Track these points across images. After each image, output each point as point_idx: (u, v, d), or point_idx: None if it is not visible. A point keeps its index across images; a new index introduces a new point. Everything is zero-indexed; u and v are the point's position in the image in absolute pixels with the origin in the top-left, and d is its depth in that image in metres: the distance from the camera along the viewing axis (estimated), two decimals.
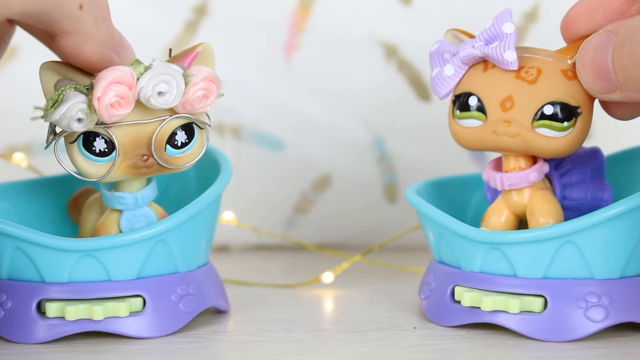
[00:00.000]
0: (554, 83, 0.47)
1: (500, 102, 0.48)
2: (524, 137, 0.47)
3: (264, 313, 0.53)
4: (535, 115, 0.47)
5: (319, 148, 0.70)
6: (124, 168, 0.47)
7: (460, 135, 0.49)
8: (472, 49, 0.48)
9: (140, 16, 0.69)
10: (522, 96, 0.47)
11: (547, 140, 0.47)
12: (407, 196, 0.52)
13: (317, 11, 0.70)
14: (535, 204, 0.49)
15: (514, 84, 0.47)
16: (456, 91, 0.49)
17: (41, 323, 0.48)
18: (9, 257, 0.48)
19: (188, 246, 0.50)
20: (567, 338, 0.47)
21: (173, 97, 0.47)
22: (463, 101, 0.48)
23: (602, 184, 0.51)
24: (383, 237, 0.67)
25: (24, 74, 0.68)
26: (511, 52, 0.47)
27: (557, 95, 0.47)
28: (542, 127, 0.47)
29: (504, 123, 0.47)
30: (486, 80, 0.48)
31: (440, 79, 0.49)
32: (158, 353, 0.47)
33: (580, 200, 0.50)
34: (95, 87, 0.45)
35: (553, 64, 0.48)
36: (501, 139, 0.48)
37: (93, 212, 0.52)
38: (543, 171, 0.49)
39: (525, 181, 0.49)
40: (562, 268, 0.48)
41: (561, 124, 0.47)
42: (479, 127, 0.48)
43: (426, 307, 0.52)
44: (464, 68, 0.49)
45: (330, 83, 0.70)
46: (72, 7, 0.44)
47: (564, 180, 0.50)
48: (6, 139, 0.69)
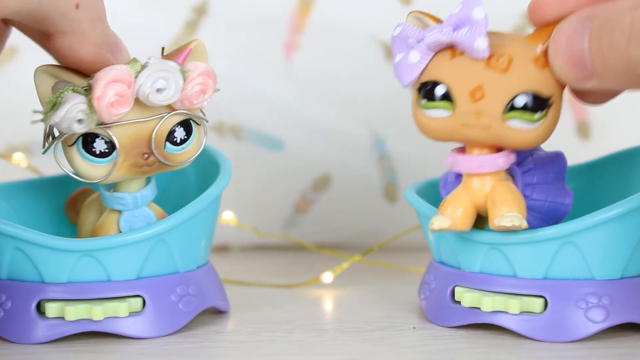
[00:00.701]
0: (526, 72, 0.45)
1: (469, 92, 0.46)
2: (495, 130, 0.46)
3: (263, 313, 0.53)
4: (507, 106, 0.45)
5: (318, 148, 0.70)
6: (126, 168, 0.47)
7: (425, 126, 0.47)
8: (440, 34, 0.46)
9: (140, 16, 0.69)
10: (493, 86, 0.45)
11: (518, 132, 0.46)
12: (406, 196, 0.52)
13: (317, 11, 0.70)
14: (498, 193, 0.47)
15: (484, 73, 0.46)
16: (422, 78, 0.47)
17: (41, 323, 0.48)
18: (9, 257, 0.48)
19: (188, 246, 0.50)
20: (567, 339, 0.47)
21: (172, 93, 0.47)
22: (429, 90, 0.46)
23: (563, 189, 0.50)
24: (383, 237, 0.67)
25: (24, 74, 0.68)
26: (482, 40, 0.45)
27: (530, 86, 0.45)
28: (513, 118, 0.46)
29: (474, 114, 0.46)
30: (455, 69, 0.46)
31: (405, 65, 0.47)
32: (158, 353, 0.47)
33: (540, 200, 0.49)
34: (95, 87, 0.45)
35: (524, 51, 0.46)
36: (471, 132, 0.46)
37: (92, 212, 0.52)
38: (510, 160, 0.47)
39: (493, 165, 0.47)
40: (562, 268, 0.48)
41: (532, 115, 0.45)
42: (447, 117, 0.46)
43: (426, 308, 0.52)
44: (430, 54, 0.47)
45: (330, 83, 0.70)
46: (69, 6, 0.44)
47: (525, 179, 0.50)
48: (6, 139, 0.69)
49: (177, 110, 0.48)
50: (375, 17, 0.70)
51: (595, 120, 0.71)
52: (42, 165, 0.65)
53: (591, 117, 0.70)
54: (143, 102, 0.47)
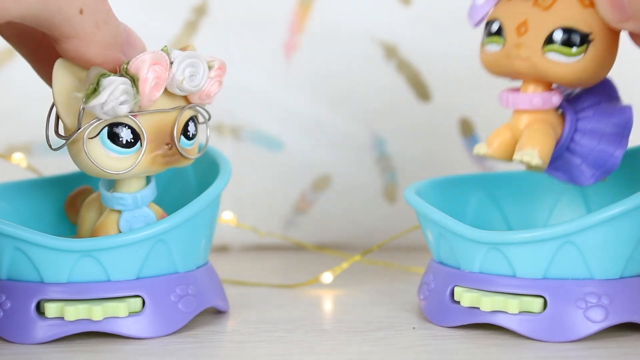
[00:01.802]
0: (567, 9, 0.48)
1: (516, 27, 0.48)
2: (534, 61, 0.48)
3: (263, 313, 0.53)
4: (546, 40, 0.47)
5: (318, 148, 0.70)
6: (151, 159, 0.48)
7: (484, 61, 0.50)
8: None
9: (140, 16, 0.69)
10: (535, 21, 0.48)
11: (556, 65, 0.47)
12: (406, 196, 0.52)
13: (317, 11, 0.70)
14: (529, 130, 0.49)
15: (530, 10, 0.48)
16: (487, 18, 0.50)
17: (40, 323, 0.48)
18: (9, 257, 0.48)
19: (187, 246, 0.50)
20: (567, 338, 0.47)
21: (201, 82, 0.47)
22: (488, 27, 0.49)
23: (618, 140, 0.50)
24: (382, 237, 0.67)
25: (24, 75, 0.68)
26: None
27: (568, 21, 0.47)
28: (551, 51, 0.47)
29: (515, 46, 0.48)
30: (509, 8, 0.49)
31: (474, 8, 0.50)
32: (157, 353, 0.47)
33: (588, 147, 0.50)
34: (140, 68, 0.45)
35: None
36: (514, 62, 0.48)
37: (91, 212, 0.52)
38: (551, 101, 0.49)
39: (528, 103, 0.49)
40: (562, 268, 0.48)
41: (570, 50, 0.47)
42: (498, 51, 0.49)
43: (425, 308, 0.52)
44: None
45: (330, 83, 0.70)
46: (72, 12, 0.44)
47: (579, 125, 0.50)
48: (6, 139, 0.69)
49: (193, 103, 0.48)
50: (375, 17, 0.70)
51: None
52: (42, 166, 0.65)
53: None
54: (171, 90, 0.47)
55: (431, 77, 0.70)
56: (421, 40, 0.69)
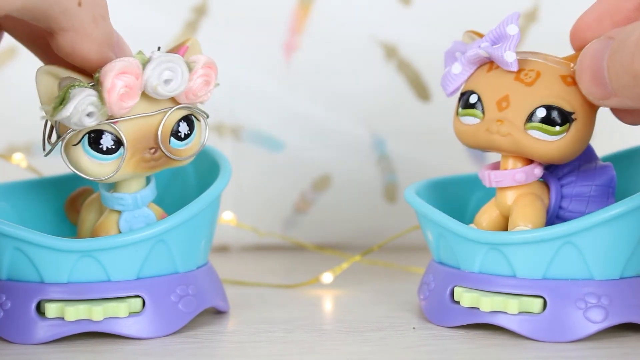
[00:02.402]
0: (551, 87, 0.47)
1: (497, 102, 0.48)
2: (515, 138, 0.48)
3: (263, 313, 0.53)
4: (528, 117, 0.47)
5: (318, 148, 0.70)
6: (134, 164, 0.47)
7: (459, 132, 0.50)
8: (478, 48, 0.49)
9: (140, 16, 0.69)
10: (517, 97, 0.47)
11: (538, 143, 0.47)
12: (406, 196, 0.52)
13: (317, 11, 0.70)
14: (517, 206, 0.49)
15: (511, 84, 0.48)
16: (462, 89, 0.50)
17: (41, 323, 0.48)
18: (9, 257, 0.48)
19: (187, 246, 0.50)
20: (567, 339, 0.47)
21: (179, 85, 0.47)
22: (465, 98, 0.49)
23: (605, 201, 0.50)
24: (382, 237, 0.67)
25: (23, 75, 0.68)
26: (510, 53, 0.47)
27: (552, 99, 0.47)
28: (533, 129, 0.47)
29: (496, 122, 0.48)
30: (488, 80, 0.49)
31: (448, 76, 0.50)
32: (157, 353, 0.47)
33: (577, 213, 0.50)
34: (105, 79, 0.45)
35: (554, 68, 0.48)
36: (493, 137, 0.48)
37: (91, 212, 0.52)
38: (533, 174, 0.49)
39: (511, 180, 0.49)
40: (562, 269, 0.48)
41: (553, 128, 0.47)
42: (476, 124, 0.49)
43: (425, 308, 0.52)
44: (471, 67, 0.49)
45: (330, 83, 0.70)
46: (71, 4, 0.44)
47: (564, 191, 0.50)
48: (6, 140, 0.69)
49: (181, 104, 0.48)
50: (375, 18, 0.70)
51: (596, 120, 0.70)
52: (42, 166, 0.65)
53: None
54: (150, 94, 0.47)
55: (431, 78, 0.70)
56: (421, 40, 0.69)
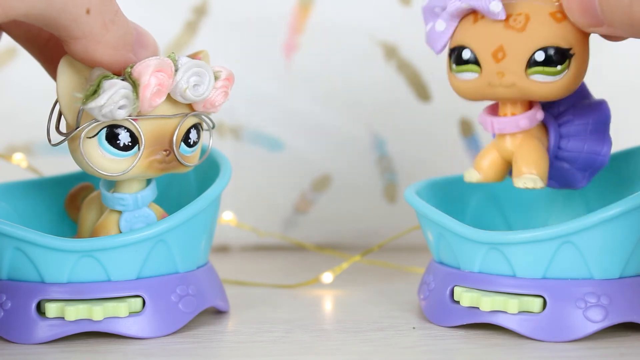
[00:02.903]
0: (543, 28, 0.47)
1: (492, 53, 0.47)
2: (519, 86, 0.47)
3: (263, 313, 0.53)
4: (528, 63, 0.47)
5: (318, 148, 0.70)
6: (147, 163, 0.47)
7: (459, 89, 0.49)
8: (460, 2, 0.48)
9: (140, 16, 0.69)
10: (512, 45, 0.47)
11: (543, 86, 0.47)
12: (406, 196, 0.52)
13: (317, 11, 0.70)
14: (520, 151, 0.49)
15: (503, 33, 0.47)
16: (451, 44, 0.49)
17: (41, 323, 0.48)
18: (9, 257, 0.48)
19: (188, 246, 0.50)
20: (566, 338, 0.47)
21: (204, 91, 0.47)
22: (457, 55, 0.48)
23: (602, 138, 0.50)
24: (382, 237, 0.67)
25: (24, 75, 0.68)
26: (496, 3, 0.47)
27: (547, 40, 0.47)
28: (536, 73, 0.47)
29: (497, 74, 0.47)
30: (477, 32, 0.48)
31: (434, 34, 0.49)
32: (158, 353, 0.47)
33: (576, 152, 0.50)
34: (142, 75, 0.45)
35: (541, 7, 0.47)
36: (497, 90, 0.48)
37: (92, 210, 0.52)
38: (536, 118, 0.49)
39: (515, 126, 0.49)
40: (562, 268, 0.48)
41: (555, 68, 0.47)
42: (475, 79, 0.48)
43: (425, 308, 0.52)
44: (455, 21, 0.49)
45: (330, 83, 0.70)
46: (79, 12, 0.43)
47: (562, 130, 0.50)
48: (6, 140, 0.69)
49: (196, 111, 0.48)
50: (375, 17, 0.70)
51: None
52: (42, 166, 0.65)
53: None
54: (174, 96, 0.47)
55: (431, 78, 0.70)
56: (421, 40, 0.69)
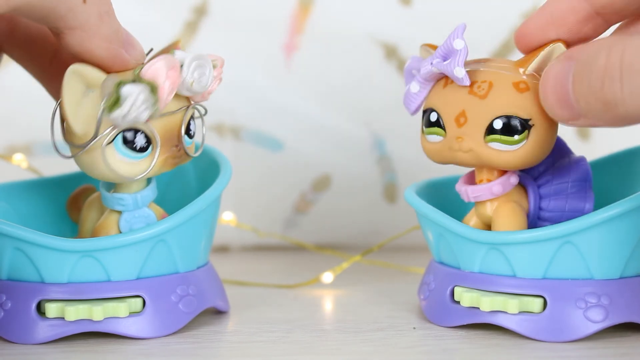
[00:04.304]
0: (504, 96, 0.47)
1: (454, 118, 0.48)
2: (477, 152, 0.47)
3: (263, 313, 0.54)
4: (487, 130, 0.47)
5: (318, 148, 0.70)
6: (162, 161, 0.48)
7: (426, 150, 0.50)
8: (430, 66, 0.48)
9: (140, 16, 0.69)
10: (473, 111, 0.47)
11: (500, 154, 0.47)
12: (406, 196, 0.52)
13: (317, 12, 0.70)
14: (498, 216, 0.49)
15: (466, 99, 0.47)
16: (424, 107, 0.50)
17: (41, 323, 0.48)
18: (9, 257, 0.48)
19: (188, 246, 0.50)
20: (567, 338, 0.47)
21: (208, 82, 0.48)
22: (427, 117, 0.49)
23: (583, 195, 0.50)
24: (382, 237, 0.67)
25: (24, 76, 0.68)
26: (459, 69, 0.47)
27: (506, 109, 0.47)
28: (493, 141, 0.47)
29: (457, 139, 0.48)
30: (444, 96, 0.48)
31: (409, 95, 0.50)
32: (158, 353, 0.47)
33: (557, 211, 0.50)
34: (158, 75, 0.45)
35: (505, 76, 0.47)
36: (456, 155, 0.48)
37: (93, 211, 0.52)
38: (510, 183, 0.49)
39: (489, 194, 0.49)
40: (562, 268, 0.48)
41: (512, 138, 0.47)
42: (440, 142, 0.49)
43: (426, 308, 0.52)
44: (429, 84, 0.49)
45: (330, 83, 0.70)
46: (76, 1, 0.44)
47: (542, 191, 0.50)
48: (6, 140, 0.69)
49: (195, 102, 0.49)
50: (375, 18, 0.70)
51: None
52: (42, 166, 0.65)
53: None
54: (181, 91, 0.47)
55: None
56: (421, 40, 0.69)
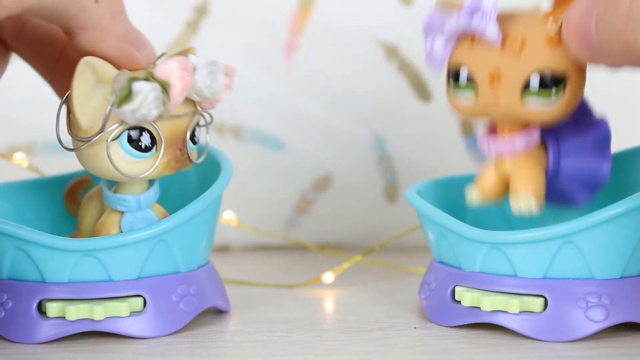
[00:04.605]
0: (539, 52, 0.47)
1: (488, 76, 0.47)
2: (514, 110, 0.47)
3: (264, 313, 0.54)
4: (524, 87, 0.47)
5: (319, 148, 0.70)
6: (165, 163, 0.48)
7: (457, 108, 0.49)
8: (457, 22, 0.48)
9: (140, 16, 0.69)
10: (508, 68, 0.47)
11: (539, 110, 0.47)
12: (407, 196, 0.52)
13: (318, 11, 0.70)
14: (517, 171, 0.49)
15: (499, 56, 0.47)
16: (449, 65, 0.49)
17: (42, 323, 0.48)
18: (10, 257, 0.48)
19: (188, 246, 0.50)
20: (568, 338, 0.47)
21: (218, 88, 0.48)
22: (455, 75, 0.48)
23: (602, 155, 0.50)
24: (383, 237, 0.67)
25: (24, 75, 0.68)
26: (492, 28, 0.47)
27: (542, 64, 0.46)
28: (530, 97, 0.47)
29: (492, 97, 0.47)
30: (474, 54, 0.48)
31: (432, 53, 0.49)
32: (158, 353, 0.47)
33: (575, 168, 0.49)
34: (172, 75, 0.46)
35: (537, 31, 0.47)
36: (492, 112, 0.48)
37: (92, 206, 0.51)
38: (532, 139, 0.49)
39: (511, 148, 0.49)
40: (563, 268, 0.48)
41: (549, 92, 0.47)
42: (472, 100, 0.48)
43: (426, 307, 0.52)
44: (452, 40, 0.49)
45: (331, 83, 0.70)
46: (88, 1, 0.44)
47: (561, 147, 0.50)
48: (7, 139, 0.69)
49: (202, 108, 0.49)
50: (376, 17, 0.70)
51: None
52: (43, 165, 0.65)
53: None
54: (191, 95, 0.47)
55: (432, 77, 0.70)
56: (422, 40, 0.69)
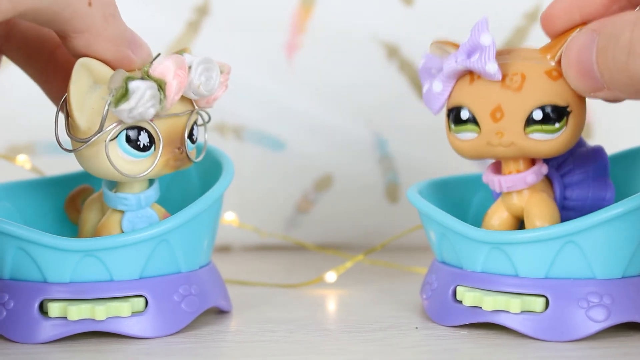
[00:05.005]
0: (540, 86, 0.47)
1: (490, 113, 0.48)
2: (519, 145, 0.48)
3: (265, 313, 0.54)
4: (526, 122, 0.47)
5: (320, 148, 0.70)
6: (164, 162, 0.48)
7: (459, 148, 0.49)
8: (455, 63, 0.48)
9: (141, 16, 0.69)
10: (510, 105, 0.47)
11: (542, 144, 0.48)
12: (408, 196, 0.53)
13: (319, 11, 0.70)
14: (532, 206, 0.49)
15: (500, 93, 0.47)
16: (448, 105, 0.49)
17: (43, 323, 0.48)
18: (12, 257, 0.48)
19: (190, 246, 0.50)
20: (569, 338, 0.47)
21: (214, 86, 0.48)
22: (456, 115, 0.49)
23: (604, 184, 0.51)
24: (384, 237, 0.67)
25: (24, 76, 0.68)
26: (492, 64, 0.47)
27: (544, 99, 0.47)
28: (534, 132, 0.47)
29: (496, 134, 0.48)
30: (474, 92, 0.48)
31: (431, 95, 0.50)
32: (160, 353, 0.47)
33: (581, 200, 0.50)
34: (167, 73, 0.46)
35: (536, 66, 0.47)
36: (497, 150, 0.48)
37: (92, 212, 0.52)
38: (541, 173, 0.50)
39: (523, 183, 0.49)
40: (564, 268, 0.48)
41: (553, 126, 0.47)
42: (475, 139, 0.48)
43: (428, 307, 0.52)
44: (451, 81, 0.49)
45: (332, 83, 0.70)
46: (81, 4, 0.44)
47: (565, 181, 0.51)
48: (8, 139, 0.69)
49: (200, 106, 0.49)
50: (377, 18, 0.70)
51: (596, 121, 0.71)
52: (45, 166, 0.65)
53: (592, 118, 0.70)
54: (187, 94, 0.47)
55: None
56: (423, 40, 0.69)
